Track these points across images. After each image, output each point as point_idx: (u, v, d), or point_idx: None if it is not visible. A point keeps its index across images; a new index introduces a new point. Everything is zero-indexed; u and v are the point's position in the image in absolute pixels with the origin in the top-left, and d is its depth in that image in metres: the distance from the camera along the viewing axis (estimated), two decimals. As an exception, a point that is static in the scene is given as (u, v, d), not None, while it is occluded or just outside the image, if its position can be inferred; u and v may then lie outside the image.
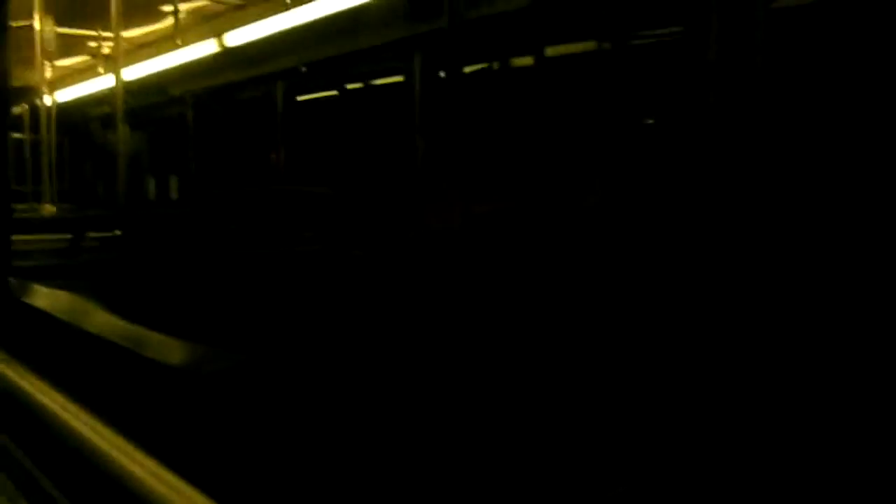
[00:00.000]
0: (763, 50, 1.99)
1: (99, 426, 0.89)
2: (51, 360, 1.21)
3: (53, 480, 0.99)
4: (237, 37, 5.11)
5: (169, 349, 1.45)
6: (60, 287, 2.01)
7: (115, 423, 0.92)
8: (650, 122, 3.38)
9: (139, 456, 0.83)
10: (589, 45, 3.79)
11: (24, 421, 0.99)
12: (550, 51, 4.00)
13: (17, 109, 6.93)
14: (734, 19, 2.03)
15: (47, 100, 6.38)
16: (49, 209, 5.58)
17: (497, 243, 3.17)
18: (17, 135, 6.73)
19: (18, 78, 6.33)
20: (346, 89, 5.29)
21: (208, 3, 5.23)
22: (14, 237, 2.91)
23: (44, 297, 1.79)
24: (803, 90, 2.53)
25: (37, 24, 5.10)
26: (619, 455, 1.08)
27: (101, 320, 1.65)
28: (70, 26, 5.87)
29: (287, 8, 4.53)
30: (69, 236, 3.53)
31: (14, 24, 4.80)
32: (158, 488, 0.77)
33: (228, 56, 5.30)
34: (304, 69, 5.11)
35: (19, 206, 5.38)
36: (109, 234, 3.71)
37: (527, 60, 4.21)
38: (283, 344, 1.70)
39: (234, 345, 1.60)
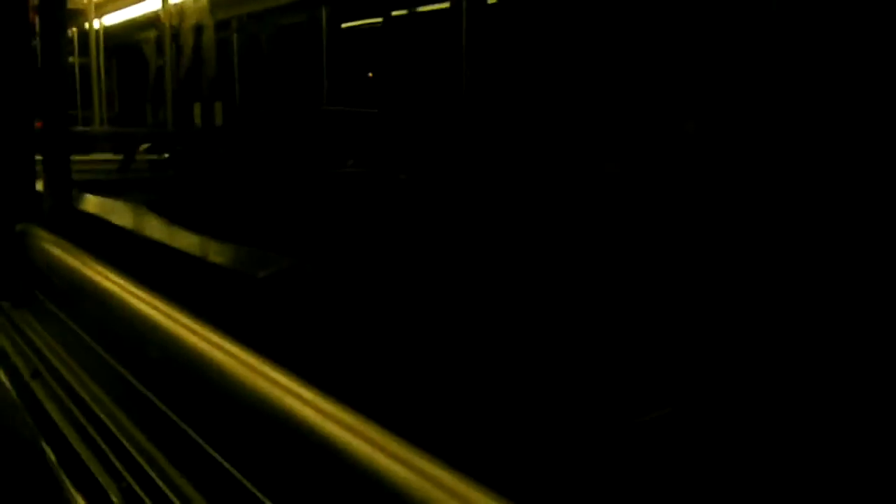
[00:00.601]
0: None
1: (161, 304, 0.92)
2: (109, 256, 1.25)
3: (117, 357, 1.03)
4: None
5: (223, 254, 1.48)
6: (115, 198, 2.06)
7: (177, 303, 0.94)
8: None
9: (201, 328, 0.86)
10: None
11: (86, 300, 1.03)
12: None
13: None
14: None
15: (95, 23, 6.41)
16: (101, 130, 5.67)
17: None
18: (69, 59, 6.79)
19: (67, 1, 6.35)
20: (391, 16, 5.18)
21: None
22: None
23: (102, 206, 1.84)
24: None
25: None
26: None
27: (155, 227, 1.68)
28: None
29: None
30: (120, 157, 3.59)
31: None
32: (216, 355, 0.80)
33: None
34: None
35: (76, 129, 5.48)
36: (158, 157, 3.76)
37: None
38: (331, 254, 1.72)
39: (290, 251, 1.63)
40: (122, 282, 0.98)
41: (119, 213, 1.68)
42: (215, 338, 0.83)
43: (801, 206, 2.08)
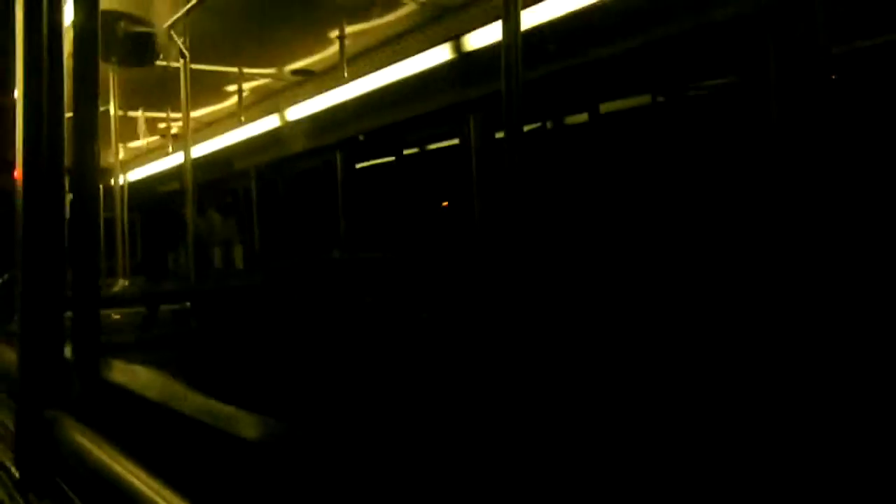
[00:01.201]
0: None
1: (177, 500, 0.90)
2: (137, 438, 1.24)
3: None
4: (297, 111, 5.31)
5: (246, 424, 1.46)
6: (138, 362, 2.07)
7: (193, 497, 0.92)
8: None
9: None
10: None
11: (109, 497, 1.01)
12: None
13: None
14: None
15: (120, 179, 6.70)
16: (122, 283, 5.79)
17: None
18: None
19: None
20: (402, 154, 5.41)
21: (270, 80, 5.46)
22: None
23: (126, 374, 1.84)
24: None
25: (112, 110, 5.41)
26: None
27: (179, 395, 1.68)
28: (140, 109, 6.21)
29: (345, 82, 4.70)
30: (143, 310, 3.64)
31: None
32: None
33: (288, 130, 5.50)
34: (361, 137, 5.26)
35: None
36: (180, 307, 3.81)
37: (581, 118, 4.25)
38: (357, 414, 1.70)
39: (308, 415, 1.61)
40: (141, 475, 0.97)
41: (145, 383, 1.68)
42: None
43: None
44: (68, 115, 1.80)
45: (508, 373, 2.07)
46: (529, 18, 3.51)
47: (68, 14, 1.78)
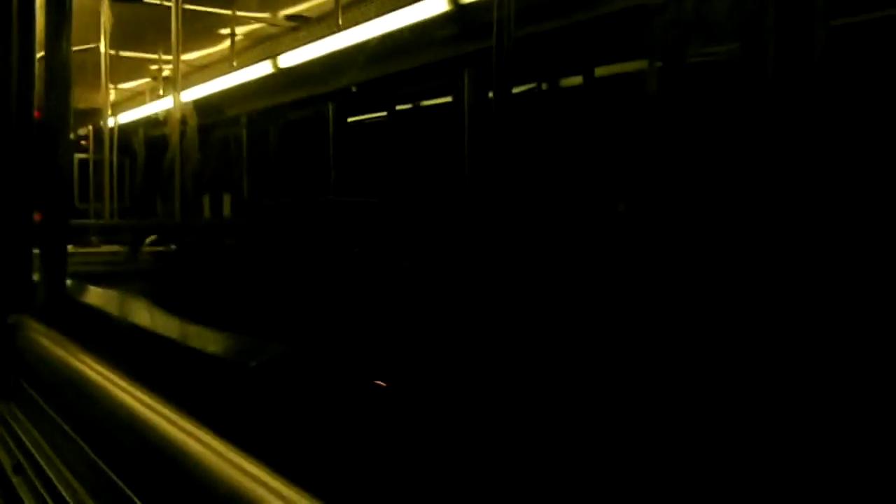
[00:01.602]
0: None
1: (144, 395, 0.91)
2: (99, 347, 1.23)
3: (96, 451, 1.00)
4: (290, 58, 5.23)
5: (216, 343, 1.47)
6: (112, 288, 2.07)
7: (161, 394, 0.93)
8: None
9: (184, 422, 0.84)
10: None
11: (72, 393, 1.01)
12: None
13: (81, 130, 7.21)
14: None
15: (110, 121, 6.63)
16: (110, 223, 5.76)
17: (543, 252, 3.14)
18: (81, 155, 6.99)
19: (84, 100, 6.60)
20: (395, 110, 5.35)
21: (264, 25, 5.38)
22: (72, 248, 3.01)
23: (98, 297, 1.84)
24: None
25: (102, 48, 5.32)
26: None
27: (150, 316, 1.68)
28: (132, 50, 6.11)
29: (339, 29, 4.63)
30: (125, 248, 3.62)
31: (80, 47, 5.02)
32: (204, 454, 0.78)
33: (281, 77, 5.43)
34: (354, 89, 5.20)
35: (82, 221, 5.58)
36: (164, 249, 3.80)
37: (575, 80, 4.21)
38: (328, 341, 1.71)
39: (284, 339, 1.62)
40: (106, 372, 0.97)
41: (115, 302, 1.68)
42: (194, 429, 0.81)
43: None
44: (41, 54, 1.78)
45: (488, 326, 2.08)
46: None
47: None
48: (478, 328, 2.04)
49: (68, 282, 1.78)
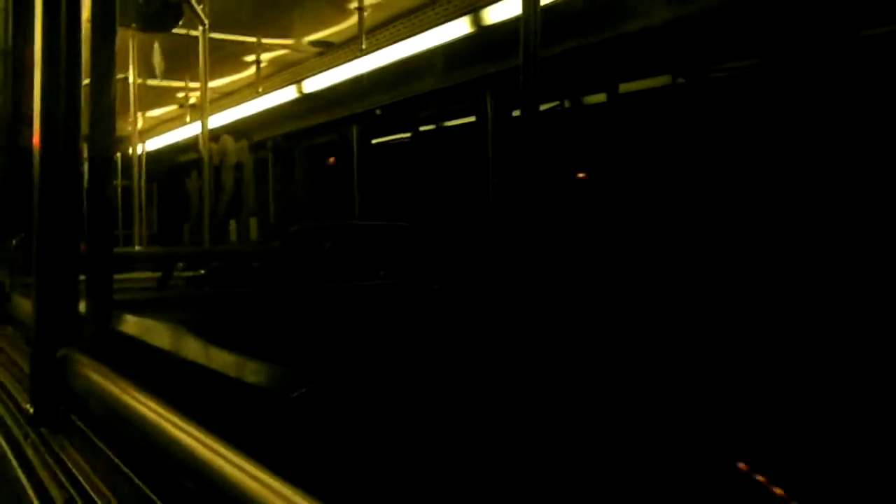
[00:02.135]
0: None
1: (193, 429, 0.93)
2: (147, 379, 1.26)
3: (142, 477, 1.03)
4: (314, 83, 5.31)
5: (256, 372, 1.49)
6: (153, 318, 2.10)
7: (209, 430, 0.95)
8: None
9: (227, 451, 0.86)
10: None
11: (122, 427, 1.04)
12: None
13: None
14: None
15: (138, 148, 6.75)
16: (140, 251, 5.85)
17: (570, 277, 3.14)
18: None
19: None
20: (419, 130, 5.40)
21: (288, 52, 5.47)
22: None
23: (140, 327, 1.87)
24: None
25: (131, 78, 5.44)
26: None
27: (190, 346, 1.71)
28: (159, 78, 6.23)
29: (363, 54, 4.70)
30: (158, 274, 3.68)
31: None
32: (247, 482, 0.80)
33: (306, 102, 5.51)
34: (378, 112, 5.26)
35: (119, 251, 5.67)
36: (193, 273, 3.85)
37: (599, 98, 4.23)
38: (363, 370, 1.72)
39: (317, 371, 1.63)
40: (153, 405, 1.00)
41: (156, 333, 1.71)
42: (240, 461, 0.83)
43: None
44: (86, 81, 1.83)
45: (516, 348, 2.09)
46: (549, -8, 3.49)
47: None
48: (508, 353, 2.05)
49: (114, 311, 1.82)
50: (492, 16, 4.02)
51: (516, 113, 4.56)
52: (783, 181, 2.79)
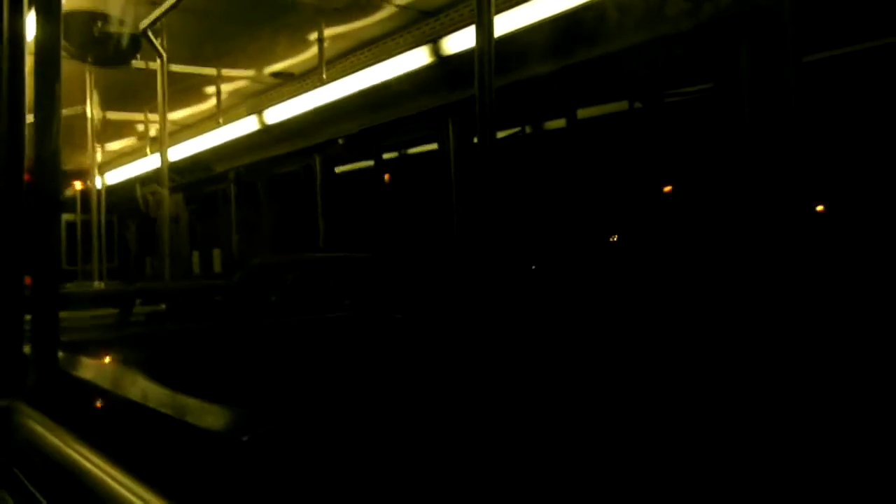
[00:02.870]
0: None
1: (137, 487, 0.89)
2: (94, 427, 1.22)
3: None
4: (276, 114, 5.29)
5: (209, 414, 1.45)
6: (105, 359, 2.05)
7: (155, 486, 0.92)
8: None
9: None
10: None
11: (66, 484, 1.00)
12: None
13: (69, 192, 7.23)
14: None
15: (98, 181, 6.64)
16: (98, 287, 5.73)
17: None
18: (68, 216, 6.99)
19: (72, 162, 6.63)
20: (382, 159, 5.41)
21: (249, 83, 5.45)
22: (62, 313, 2.98)
23: (87, 368, 1.82)
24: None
25: (88, 112, 5.36)
26: None
27: (143, 388, 1.66)
28: (119, 111, 6.17)
29: (324, 83, 4.70)
30: (116, 311, 3.60)
31: (66, 111, 5.07)
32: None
33: (267, 132, 5.48)
34: (340, 141, 5.26)
35: (70, 286, 5.55)
36: (155, 308, 3.78)
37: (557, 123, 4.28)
38: (322, 408, 1.69)
39: (273, 411, 1.60)
40: (100, 462, 0.96)
41: (108, 377, 1.66)
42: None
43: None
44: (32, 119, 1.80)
45: (481, 372, 2.07)
46: (506, 23, 3.53)
47: (32, 22, 1.77)
48: (472, 384, 2.04)
49: (60, 354, 1.76)
50: (450, 45, 4.05)
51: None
52: (743, 192, 2.85)
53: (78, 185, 6.37)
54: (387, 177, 5.13)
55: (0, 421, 1.26)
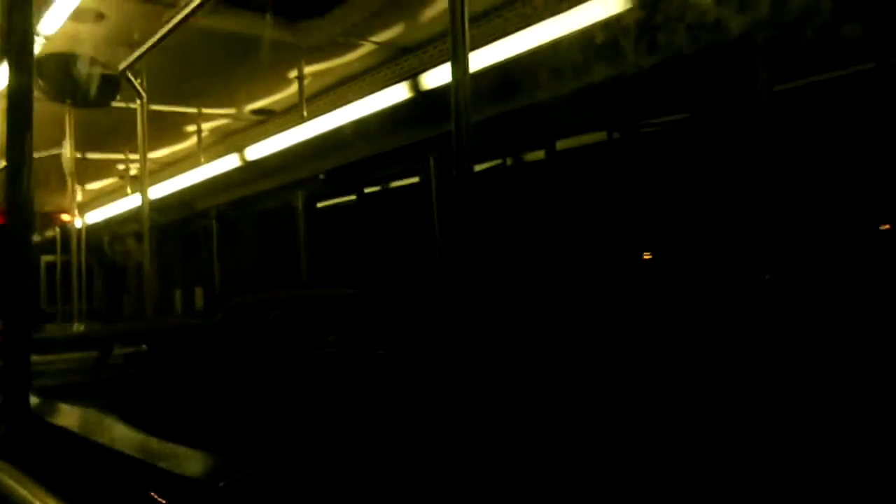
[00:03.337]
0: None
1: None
2: (68, 476, 1.20)
3: None
4: (257, 151, 5.30)
5: (186, 460, 1.43)
6: (82, 404, 2.02)
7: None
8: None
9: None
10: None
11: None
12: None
13: (49, 233, 7.17)
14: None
15: (78, 222, 6.59)
16: (78, 328, 5.66)
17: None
18: (48, 257, 6.93)
19: (49, 203, 6.59)
20: (363, 193, 5.42)
21: (230, 121, 5.47)
22: (40, 357, 2.95)
23: (63, 414, 1.79)
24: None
25: (66, 152, 5.34)
26: None
27: (120, 434, 1.64)
28: (98, 151, 6.16)
29: (304, 120, 4.72)
30: (95, 353, 3.55)
31: (44, 153, 5.05)
32: None
33: (249, 169, 5.49)
34: (322, 176, 5.27)
35: (49, 327, 5.47)
36: (135, 350, 3.73)
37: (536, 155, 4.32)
38: (306, 449, 1.67)
39: (256, 453, 1.58)
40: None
41: (83, 423, 1.64)
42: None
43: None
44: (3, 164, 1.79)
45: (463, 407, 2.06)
46: (481, 59, 3.59)
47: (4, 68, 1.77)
48: (456, 418, 2.02)
49: (34, 400, 1.73)
50: (428, 81, 4.10)
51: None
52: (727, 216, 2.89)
53: (65, 217, 6.32)
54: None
55: (-31, 473, 1.23)
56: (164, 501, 1.27)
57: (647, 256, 3.46)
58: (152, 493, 1.27)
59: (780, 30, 2.72)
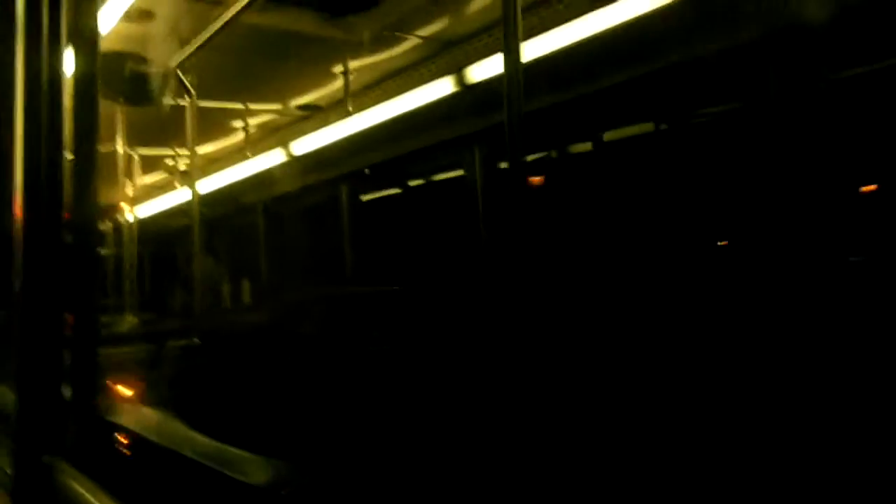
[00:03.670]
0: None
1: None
2: (132, 481, 1.21)
3: None
4: (302, 146, 5.34)
5: (250, 466, 1.44)
6: (143, 402, 2.06)
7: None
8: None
9: None
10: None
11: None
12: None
13: (101, 227, 7.35)
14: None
15: (129, 216, 6.75)
16: (130, 320, 5.79)
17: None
18: (101, 250, 7.10)
19: (103, 196, 6.74)
20: (408, 186, 5.42)
21: (276, 116, 5.51)
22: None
23: (131, 418, 1.83)
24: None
25: (119, 148, 5.46)
26: None
27: (183, 437, 1.66)
28: (149, 147, 6.27)
29: (349, 115, 4.74)
30: (151, 346, 3.63)
31: (101, 149, 5.16)
32: None
33: (294, 164, 5.53)
34: (367, 171, 5.28)
35: (102, 319, 5.61)
36: (188, 342, 3.80)
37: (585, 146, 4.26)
38: (362, 454, 1.67)
39: (314, 455, 1.58)
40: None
41: (147, 426, 1.66)
42: None
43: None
44: (71, 157, 1.81)
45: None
46: (530, 50, 3.54)
47: (70, 59, 1.80)
48: (510, 416, 2.00)
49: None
50: (475, 74, 4.06)
51: (503, 164, 4.58)
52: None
53: (125, 207, 6.48)
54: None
55: (42, 479, 1.26)
56: (227, 507, 1.28)
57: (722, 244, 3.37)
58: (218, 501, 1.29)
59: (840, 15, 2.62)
